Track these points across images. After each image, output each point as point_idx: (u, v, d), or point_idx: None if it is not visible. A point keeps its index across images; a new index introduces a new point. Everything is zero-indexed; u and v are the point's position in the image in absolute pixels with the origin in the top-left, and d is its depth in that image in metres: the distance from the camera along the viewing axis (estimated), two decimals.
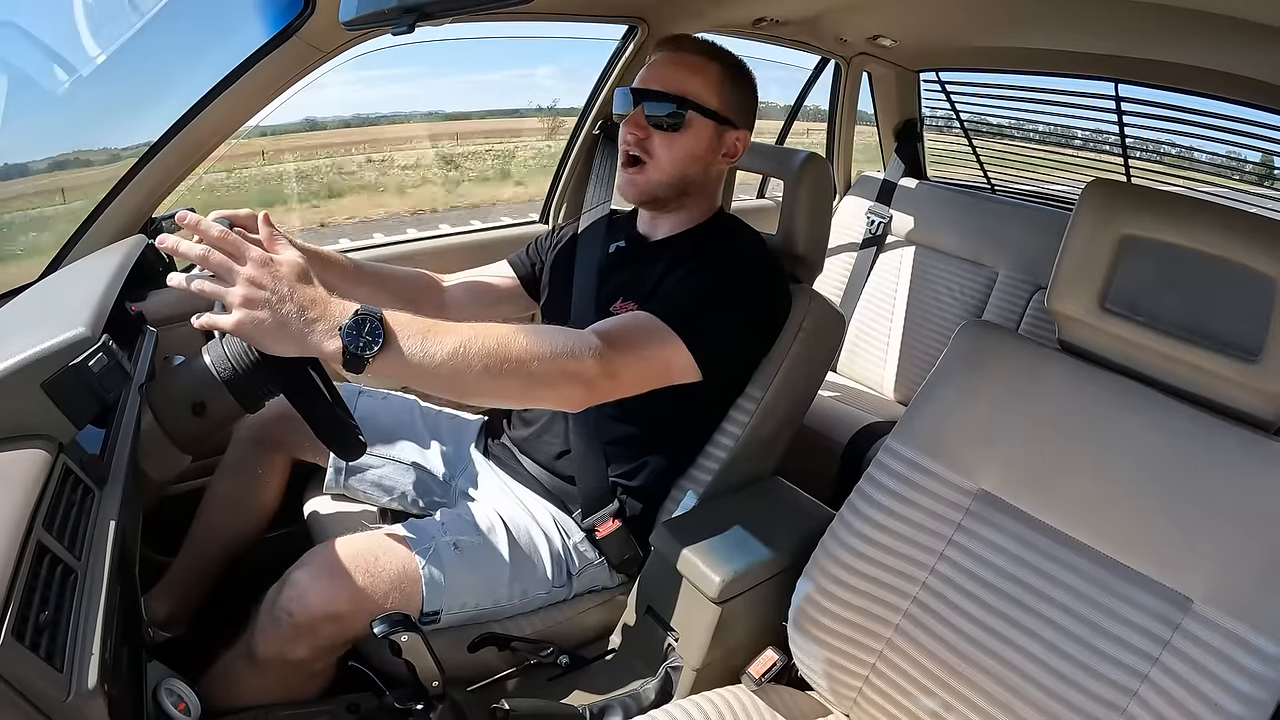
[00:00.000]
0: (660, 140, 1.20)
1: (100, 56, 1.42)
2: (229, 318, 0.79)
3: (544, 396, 0.96)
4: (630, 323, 1.07)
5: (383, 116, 15.08)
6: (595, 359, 0.95)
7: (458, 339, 0.86)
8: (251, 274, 0.79)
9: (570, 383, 0.94)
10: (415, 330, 0.85)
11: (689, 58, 1.21)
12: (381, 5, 0.98)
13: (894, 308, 2.43)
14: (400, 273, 1.39)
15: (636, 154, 1.21)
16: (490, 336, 0.89)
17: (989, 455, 0.96)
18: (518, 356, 0.89)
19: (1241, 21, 1.30)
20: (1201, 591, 0.80)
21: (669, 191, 1.24)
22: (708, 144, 1.22)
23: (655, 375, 1.06)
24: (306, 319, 0.80)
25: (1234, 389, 0.85)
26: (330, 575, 1.03)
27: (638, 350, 1.03)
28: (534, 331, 0.94)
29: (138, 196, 1.38)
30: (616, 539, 1.23)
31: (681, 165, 1.22)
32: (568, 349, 0.94)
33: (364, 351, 0.80)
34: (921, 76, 2.55)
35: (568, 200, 2.09)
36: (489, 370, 0.87)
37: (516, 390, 0.92)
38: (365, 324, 0.81)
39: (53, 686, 0.60)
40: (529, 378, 0.90)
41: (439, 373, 0.85)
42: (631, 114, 1.20)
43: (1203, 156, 2.13)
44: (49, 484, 0.72)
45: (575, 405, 0.99)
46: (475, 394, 0.91)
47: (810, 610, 1.03)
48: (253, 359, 0.91)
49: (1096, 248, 0.90)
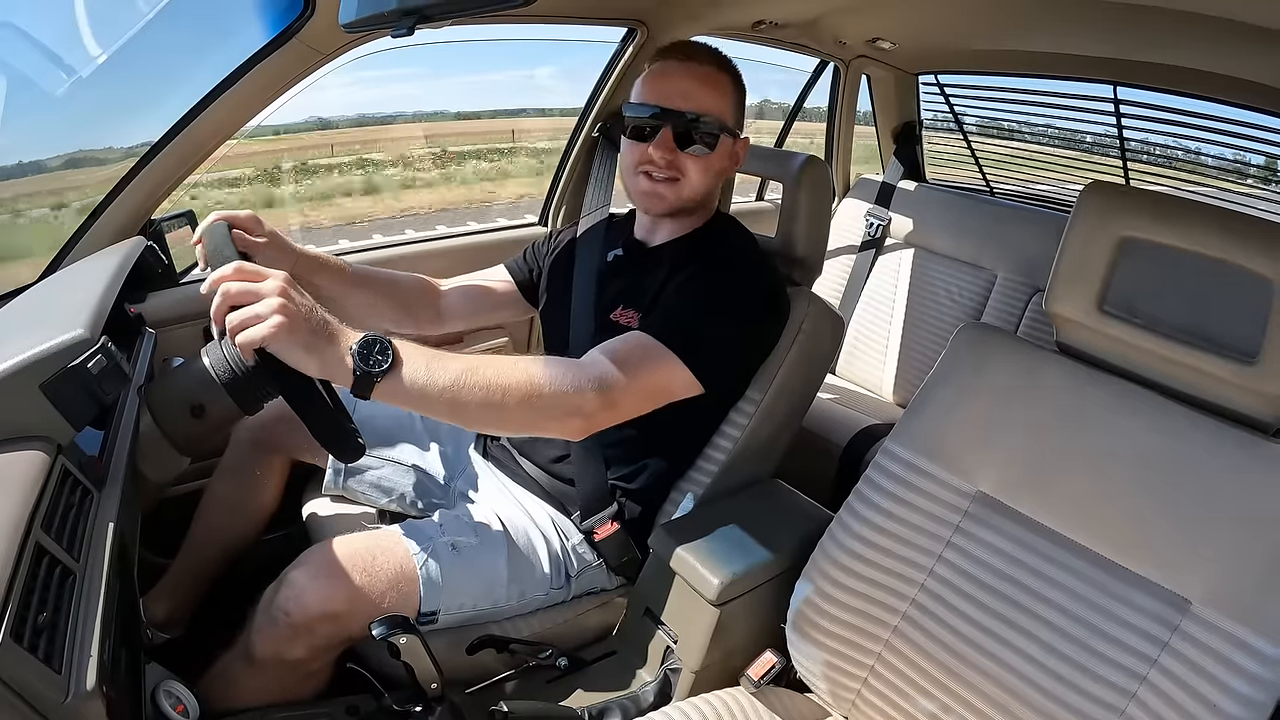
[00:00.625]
0: (692, 161, 1.19)
1: (100, 57, 1.42)
2: (263, 329, 0.79)
3: (546, 428, 0.99)
4: (632, 348, 1.06)
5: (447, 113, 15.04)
6: (596, 392, 0.97)
7: (460, 367, 0.89)
8: (284, 288, 0.81)
9: (571, 416, 0.97)
10: (420, 357, 0.88)
11: (708, 71, 1.20)
12: (381, 8, 0.98)
13: (893, 310, 2.43)
14: (397, 278, 1.39)
15: (668, 174, 1.19)
16: (491, 367, 0.91)
17: (987, 457, 0.97)
18: (519, 388, 0.92)
19: (1240, 24, 1.30)
20: (1200, 593, 0.80)
21: (695, 205, 1.25)
22: (730, 157, 1.24)
23: (656, 398, 1.08)
24: (330, 336, 0.83)
25: (1232, 391, 0.85)
26: (327, 575, 1.03)
27: (638, 379, 1.04)
28: (535, 364, 0.95)
29: (137, 198, 1.38)
30: (615, 541, 1.23)
31: (712, 182, 1.24)
32: (568, 382, 0.95)
33: (374, 369, 0.83)
34: (920, 79, 2.55)
35: (566, 203, 2.09)
36: (489, 400, 0.90)
37: (518, 421, 0.95)
38: (375, 344, 0.84)
39: (51, 688, 0.60)
40: (529, 410, 0.93)
41: (440, 399, 0.88)
42: (660, 135, 1.17)
43: (1201, 159, 2.13)
44: (48, 485, 0.72)
45: (576, 436, 1.02)
46: (477, 422, 0.96)
47: (809, 612, 1.03)
48: (251, 361, 0.91)
49: (1095, 250, 0.90)
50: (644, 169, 1.20)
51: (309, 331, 0.81)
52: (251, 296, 0.80)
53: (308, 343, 0.81)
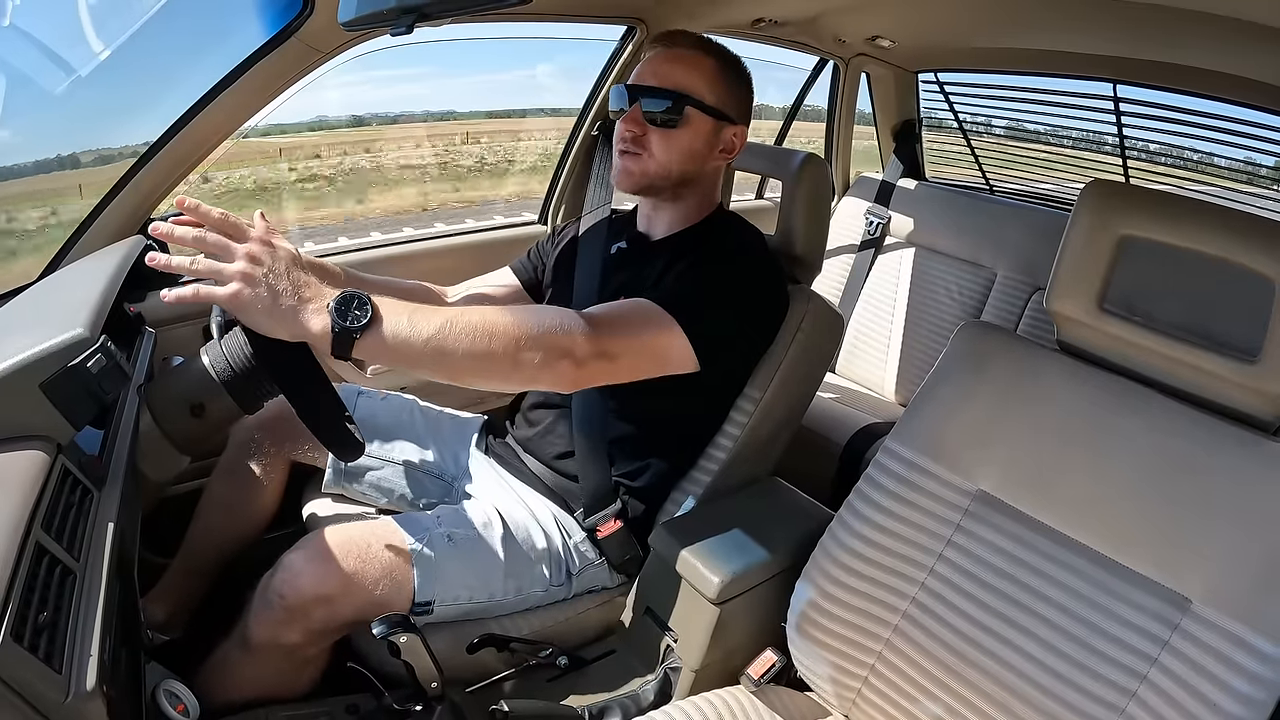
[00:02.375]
0: (657, 136, 1.19)
1: (102, 53, 1.42)
2: (225, 289, 0.79)
3: (536, 375, 0.93)
4: (628, 307, 1.07)
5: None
6: (586, 336, 0.94)
7: (443, 316, 0.86)
8: (252, 249, 0.81)
9: (560, 358, 0.92)
10: (401, 309, 0.85)
11: (684, 52, 1.21)
12: (380, 6, 0.98)
13: (893, 309, 2.43)
14: (400, 286, 1.37)
15: (633, 149, 1.20)
16: (476, 314, 0.89)
17: (988, 456, 0.96)
18: (504, 331, 0.88)
19: (1240, 22, 1.30)
20: (1200, 592, 0.80)
21: (664, 183, 1.23)
22: (705, 140, 1.22)
23: (652, 361, 1.06)
24: (301, 297, 0.81)
25: (1232, 389, 0.85)
26: (323, 559, 1.04)
27: (634, 334, 1.02)
28: (523, 309, 0.94)
29: (136, 197, 1.38)
30: (617, 539, 1.23)
31: (679, 161, 1.21)
32: (556, 324, 0.93)
33: (352, 325, 0.81)
34: (920, 77, 2.55)
35: (566, 201, 2.09)
36: (475, 346, 0.86)
37: (505, 366, 0.90)
38: (353, 300, 0.82)
39: (51, 687, 0.60)
40: (517, 353, 0.89)
41: (425, 350, 0.85)
42: (629, 110, 1.19)
43: (1201, 157, 2.13)
44: (48, 485, 0.72)
45: (567, 383, 0.96)
46: (464, 372, 0.90)
47: (809, 611, 1.03)
48: (251, 360, 0.91)
49: (1095, 248, 0.90)
50: (618, 146, 1.22)
51: (271, 296, 0.79)
52: (224, 251, 0.80)
53: (269, 308, 0.80)
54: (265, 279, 0.80)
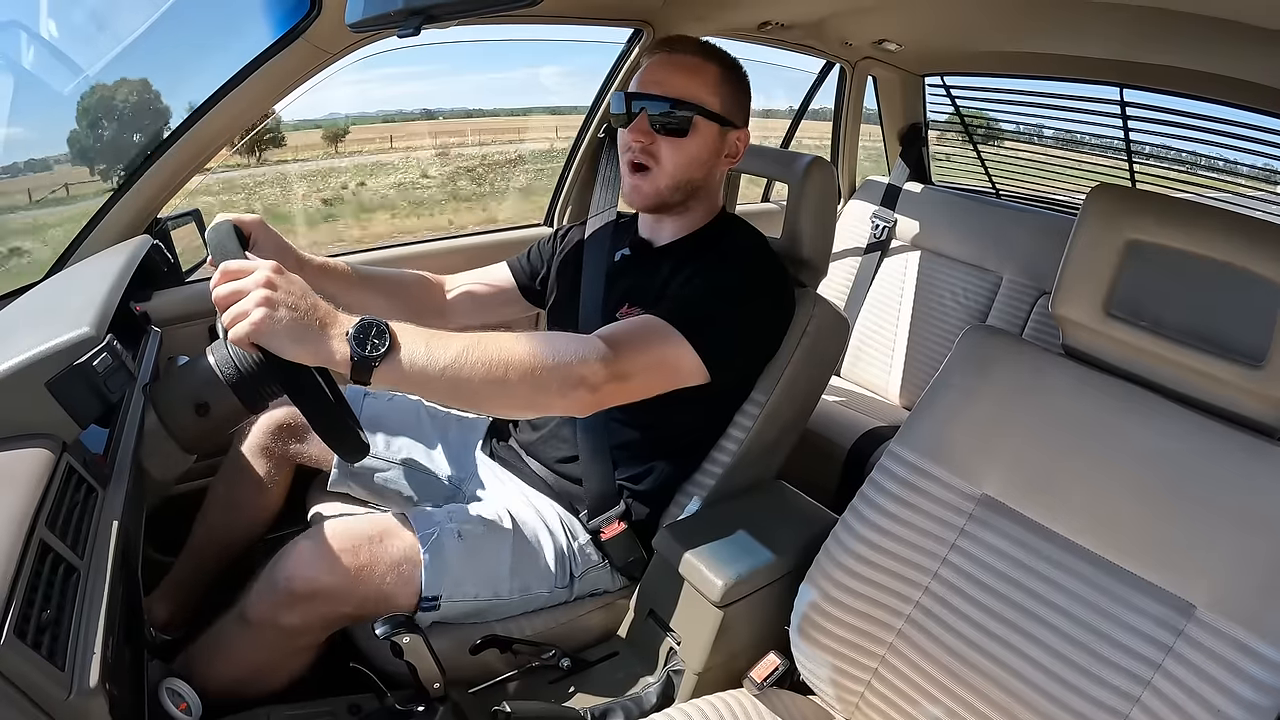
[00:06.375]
0: (666, 145, 1.19)
1: (110, 53, 1.43)
2: (249, 319, 0.79)
3: (551, 403, 0.96)
4: (637, 326, 1.07)
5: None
6: (601, 363, 0.95)
7: (460, 345, 0.88)
8: (264, 277, 0.81)
9: (577, 387, 0.94)
10: (419, 337, 0.87)
11: (687, 59, 1.20)
12: (387, 7, 0.98)
13: (899, 312, 2.43)
14: (402, 277, 1.39)
15: (642, 161, 1.20)
16: (493, 342, 0.90)
17: (992, 460, 0.96)
18: (521, 362, 0.90)
19: (1247, 26, 1.29)
20: (1205, 598, 0.79)
21: (676, 196, 1.22)
22: (712, 147, 1.21)
23: (663, 378, 1.07)
24: (321, 322, 0.82)
25: (1239, 394, 0.84)
26: (332, 547, 1.04)
27: (645, 353, 1.03)
28: (538, 337, 0.94)
29: (143, 197, 1.39)
30: (621, 541, 1.23)
31: (688, 170, 1.20)
32: (573, 353, 0.94)
33: (371, 353, 0.82)
34: (926, 81, 2.54)
35: (572, 203, 2.09)
36: (492, 375, 0.88)
37: (523, 396, 0.92)
38: (371, 328, 0.83)
39: (54, 685, 0.60)
40: (534, 383, 0.91)
41: (441, 379, 0.87)
42: (635, 119, 1.19)
43: (1208, 161, 2.12)
44: (52, 483, 0.72)
45: (583, 410, 0.99)
46: (481, 401, 0.92)
47: (813, 614, 1.03)
48: (256, 359, 0.91)
49: (1101, 253, 0.89)
50: (625, 156, 1.22)
51: (295, 321, 0.80)
52: (238, 295, 0.81)
53: (294, 333, 0.81)
54: (285, 305, 0.81)
